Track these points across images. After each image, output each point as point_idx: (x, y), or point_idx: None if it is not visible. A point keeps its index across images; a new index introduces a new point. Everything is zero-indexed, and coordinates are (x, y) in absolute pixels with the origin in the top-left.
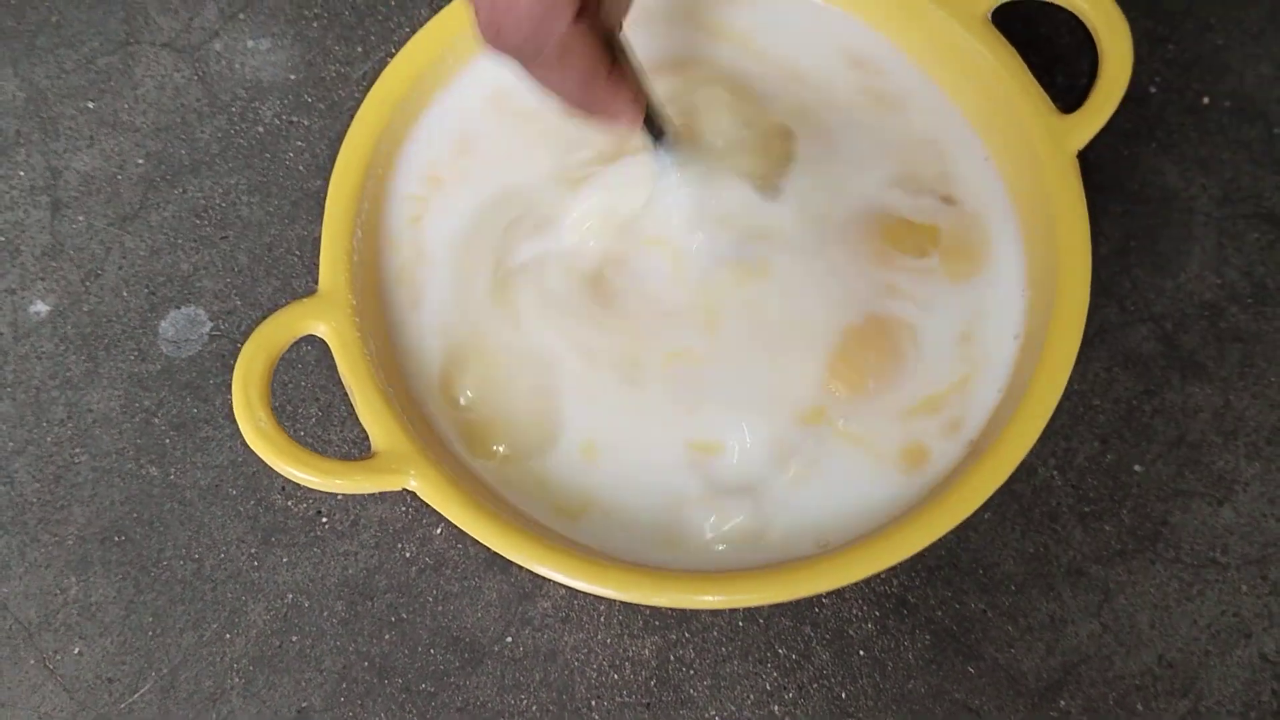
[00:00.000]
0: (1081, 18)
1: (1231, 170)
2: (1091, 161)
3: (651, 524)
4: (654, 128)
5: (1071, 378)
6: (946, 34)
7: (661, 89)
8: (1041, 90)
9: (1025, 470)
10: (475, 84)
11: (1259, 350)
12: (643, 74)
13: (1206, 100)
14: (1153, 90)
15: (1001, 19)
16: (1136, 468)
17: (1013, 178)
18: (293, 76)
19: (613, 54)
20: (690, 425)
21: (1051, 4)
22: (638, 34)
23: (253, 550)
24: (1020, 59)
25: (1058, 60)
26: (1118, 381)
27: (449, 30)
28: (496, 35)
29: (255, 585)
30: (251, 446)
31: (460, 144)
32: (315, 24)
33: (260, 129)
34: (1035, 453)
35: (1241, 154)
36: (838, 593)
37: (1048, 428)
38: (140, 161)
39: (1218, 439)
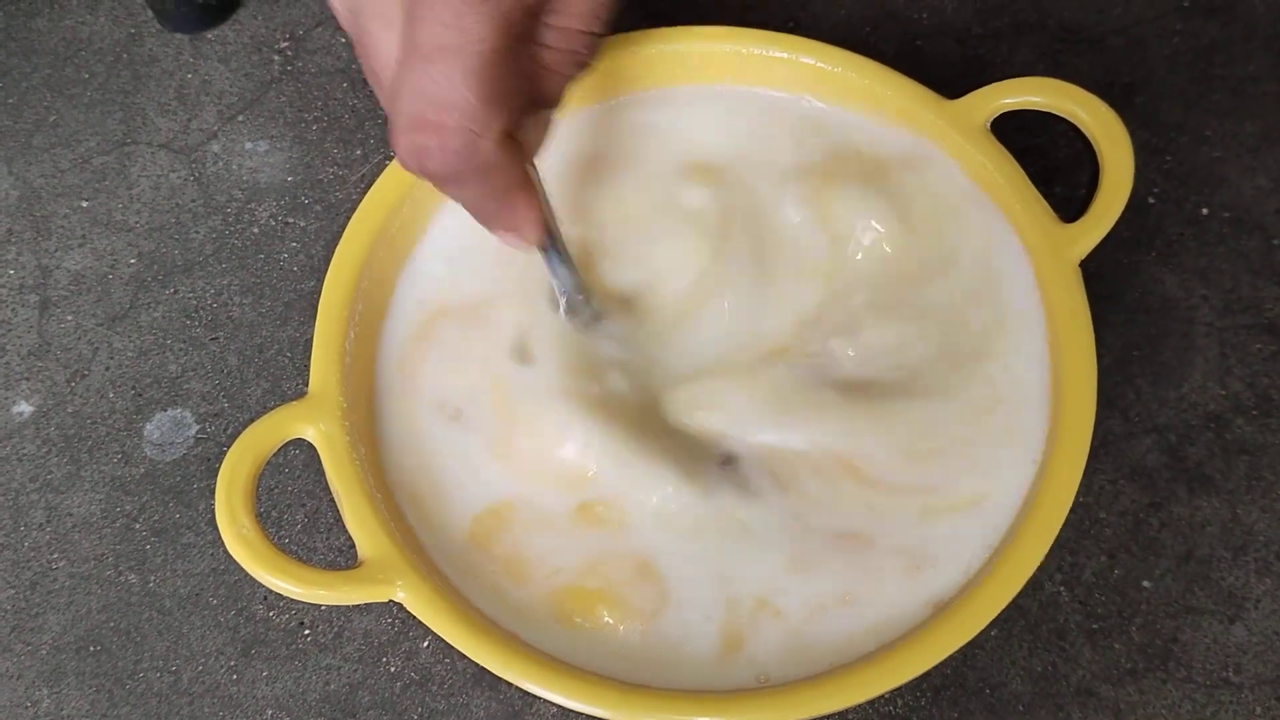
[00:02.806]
0: (1081, 128)
1: (1231, 281)
2: (1091, 271)
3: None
4: (557, 253)
5: (1077, 490)
6: (947, 143)
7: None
8: (1042, 199)
9: (1032, 585)
10: None
11: (1266, 463)
12: (546, 200)
13: (1205, 211)
14: (1151, 201)
15: (1000, 129)
16: (1145, 583)
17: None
18: (290, 178)
19: (526, 173)
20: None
21: (1050, 115)
22: None
23: (232, 663)
24: (1020, 168)
25: (1056, 170)
26: (1123, 494)
27: None
28: (420, 161)
29: (234, 700)
30: (233, 555)
31: (464, 251)
32: (314, 127)
33: (255, 230)
34: (1042, 567)
35: (1241, 265)
36: (840, 715)
37: (1054, 541)
38: (132, 261)
39: (1227, 554)
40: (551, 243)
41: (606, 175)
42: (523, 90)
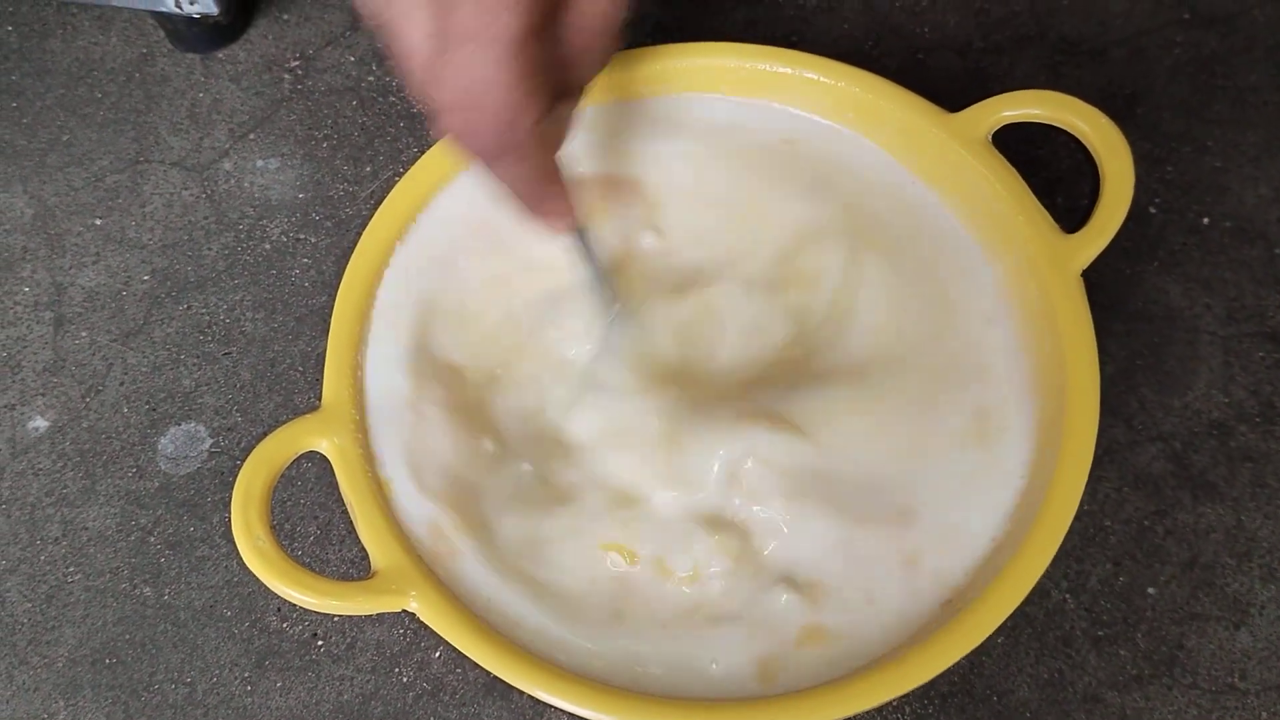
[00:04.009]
0: (1082, 139)
1: (1235, 289)
2: (1093, 281)
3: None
4: (585, 245)
5: (1082, 498)
6: (949, 155)
7: None
8: (1044, 210)
9: (1038, 592)
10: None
11: (1269, 470)
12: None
13: (1207, 220)
14: (1153, 211)
15: (1001, 141)
16: (1150, 590)
17: (1018, 296)
18: (301, 195)
19: (555, 163)
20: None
21: (1050, 127)
22: None
23: (246, 674)
24: (1022, 179)
25: (1057, 182)
26: (1128, 502)
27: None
28: (469, 137)
29: (248, 711)
30: (250, 567)
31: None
32: (325, 144)
33: (267, 246)
34: (1048, 575)
35: (1243, 273)
36: None
37: (1060, 549)
38: (146, 278)
39: (1231, 560)
40: (580, 235)
41: None
42: (549, 81)
